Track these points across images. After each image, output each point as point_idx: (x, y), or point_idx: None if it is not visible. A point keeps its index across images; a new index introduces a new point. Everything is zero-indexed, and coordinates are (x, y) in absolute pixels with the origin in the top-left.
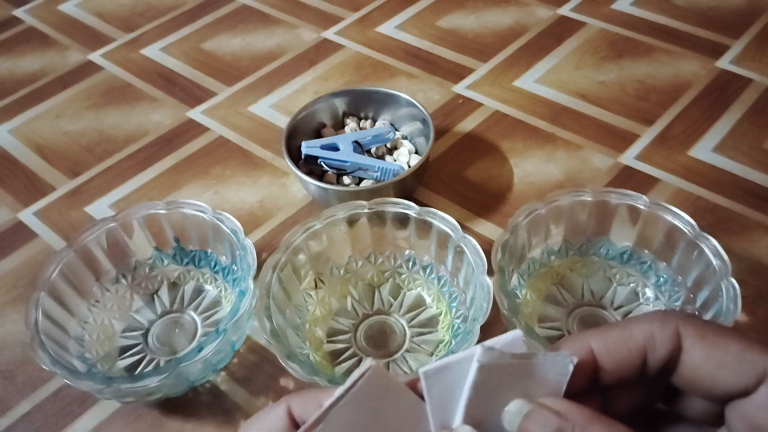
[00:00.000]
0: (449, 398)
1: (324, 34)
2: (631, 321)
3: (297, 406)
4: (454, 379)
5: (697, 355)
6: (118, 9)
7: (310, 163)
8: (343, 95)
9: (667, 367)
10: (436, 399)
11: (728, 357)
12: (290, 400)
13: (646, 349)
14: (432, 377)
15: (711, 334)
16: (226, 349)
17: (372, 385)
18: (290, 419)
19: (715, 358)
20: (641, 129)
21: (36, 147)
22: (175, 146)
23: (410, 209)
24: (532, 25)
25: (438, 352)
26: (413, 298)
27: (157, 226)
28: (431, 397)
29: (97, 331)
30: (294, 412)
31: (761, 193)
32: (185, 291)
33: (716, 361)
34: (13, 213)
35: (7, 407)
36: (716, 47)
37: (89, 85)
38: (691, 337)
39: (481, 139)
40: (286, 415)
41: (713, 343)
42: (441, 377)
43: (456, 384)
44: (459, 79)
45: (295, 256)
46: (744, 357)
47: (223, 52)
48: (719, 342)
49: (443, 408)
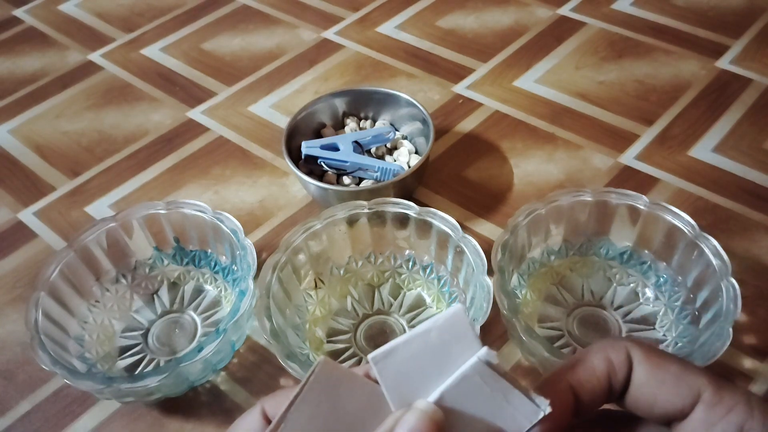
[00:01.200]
0: (404, 378)
1: (324, 34)
2: (587, 353)
3: (270, 406)
4: (404, 359)
5: (642, 373)
6: (118, 9)
7: (310, 163)
8: (343, 95)
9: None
10: (391, 381)
11: (668, 376)
12: (264, 401)
13: (609, 375)
14: (381, 362)
15: (654, 355)
16: (226, 349)
17: (324, 378)
18: (265, 420)
19: (657, 377)
20: (641, 129)
21: (36, 147)
22: (175, 146)
23: (410, 209)
24: (532, 25)
25: None
26: (413, 298)
27: (157, 226)
28: (385, 380)
29: (97, 331)
30: (268, 413)
31: (761, 193)
32: (185, 291)
33: (657, 380)
34: (13, 213)
35: (7, 407)
36: (716, 47)
37: (89, 85)
38: (638, 357)
39: (481, 139)
40: (261, 416)
41: (656, 363)
42: (391, 360)
43: (407, 364)
44: (459, 79)
45: (295, 256)
46: (681, 377)
47: (223, 52)
48: (661, 363)
49: (400, 388)
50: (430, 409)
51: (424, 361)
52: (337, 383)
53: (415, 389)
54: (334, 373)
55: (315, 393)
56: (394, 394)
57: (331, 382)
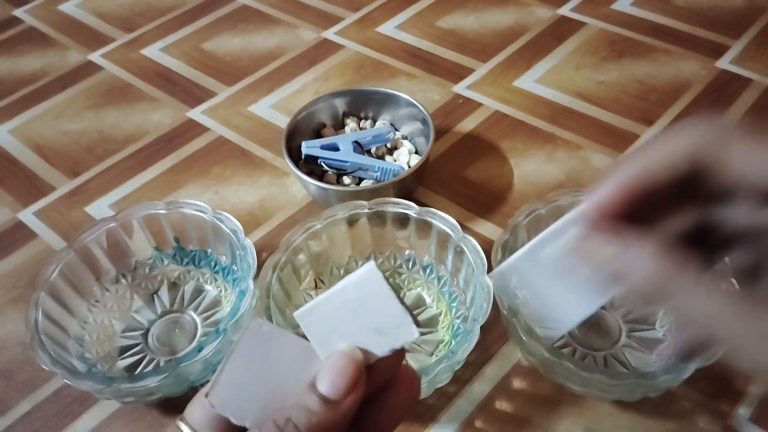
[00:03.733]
0: (327, 330)
1: (324, 34)
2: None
3: None
4: (326, 313)
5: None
6: (118, 9)
7: (310, 163)
8: (343, 95)
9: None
10: (316, 333)
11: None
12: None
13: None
14: (306, 317)
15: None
16: (226, 349)
17: (254, 336)
18: None
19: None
20: (641, 129)
21: (36, 147)
22: (175, 146)
23: (410, 209)
24: (532, 25)
25: (438, 352)
26: (413, 298)
27: (157, 226)
28: (311, 333)
29: (97, 331)
30: None
31: None
32: (185, 291)
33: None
34: (13, 213)
35: (7, 407)
36: (716, 47)
37: (89, 85)
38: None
39: (481, 139)
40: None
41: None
42: (315, 315)
43: (330, 317)
44: (459, 79)
45: (295, 256)
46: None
47: (223, 52)
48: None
49: (325, 339)
50: (349, 349)
51: (345, 313)
52: (268, 340)
53: (338, 338)
54: (264, 330)
55: (248, 348)
56: (320, 344)
57: (262, 339)
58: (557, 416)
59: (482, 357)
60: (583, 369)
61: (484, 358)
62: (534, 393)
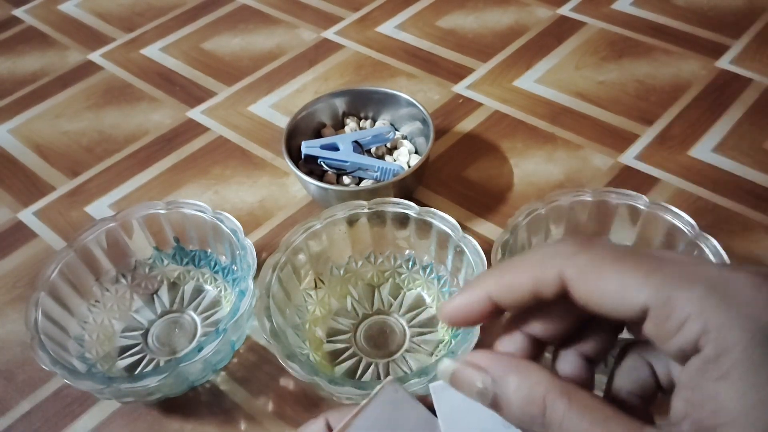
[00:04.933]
0: (459, 413)
1: (324, 34)
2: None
3: (334, 419)
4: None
5: (582, 291)
6: (118, 9)
7: (310, 163)
8: (343, 95)
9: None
10: (446, 413)
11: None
12: (328, 414)
13: (535, 291)
14: (440, 392)
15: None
16: (226, 349)
17: (387, 398)
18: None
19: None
20: (641, 129)
21: (36, 147)
22: (175, 146)
23: (410, 209)
24: (532, 25)
25: (438, 352)
26: (413, 298)
27: (157, 226)
28: (441, 412)
29: (97, 331)
30: (331, 424)
31: (761, 193)
32: (185, 291)
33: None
34: (13, 213)
35: (7, 407)
36: (716, 47)
37: (89, 85)
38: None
39: (481, 139)
40: (324, 427)
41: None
42: (450, 392)
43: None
44: (459, 79)
45: (295, 256)
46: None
47: (223, 52)
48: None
49: (454, 422)
50: None
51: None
52: (399, 404)
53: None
54: (398, 394)
55: (377, 409)
56: (448, 426)
57: (393, 402)
58: None
59: None
60: None
61: None
62: None
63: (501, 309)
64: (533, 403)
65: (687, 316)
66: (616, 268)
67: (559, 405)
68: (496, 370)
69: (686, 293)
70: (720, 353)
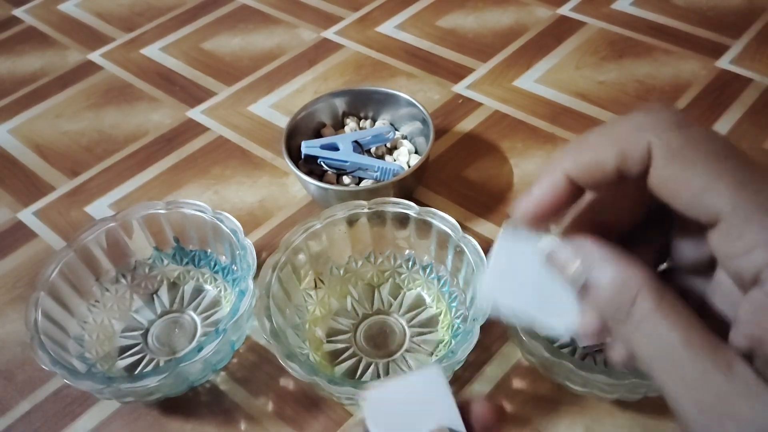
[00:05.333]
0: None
1: (324, 33)
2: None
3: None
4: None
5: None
6: (117, 9)
7: (310, 163)
8: (343, 95)
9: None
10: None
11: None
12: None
13: (619, 169)
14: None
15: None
16: (225, 349)
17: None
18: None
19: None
20: None
21: (36, 147)
22: (175, 146)
23: (410, 209)
24: (532, 25)
25: (438, 351)
26: (413, 298)
27: (157, 226)
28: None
29: (97, 331)
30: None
31: None
32: (185, 291)
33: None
34: (13, 213)
35: (7, 407)
36: (716, 47)
37: (89, 85)
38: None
39: (481, 139)
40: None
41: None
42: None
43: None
44: (459, 79)
45: (295, 256)
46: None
47: (223, 52)
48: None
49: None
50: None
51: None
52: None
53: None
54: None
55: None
56: (378, 429)
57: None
58: (557, 416)
59: (482, 357)
60: (583, 368)
61: (484, 358)
62: (534, 393)
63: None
64: (624, 295)
65: (756, 243)
66: (707, 163)
67: (647, 303)
68: (596, 256)
69: (766, 221)
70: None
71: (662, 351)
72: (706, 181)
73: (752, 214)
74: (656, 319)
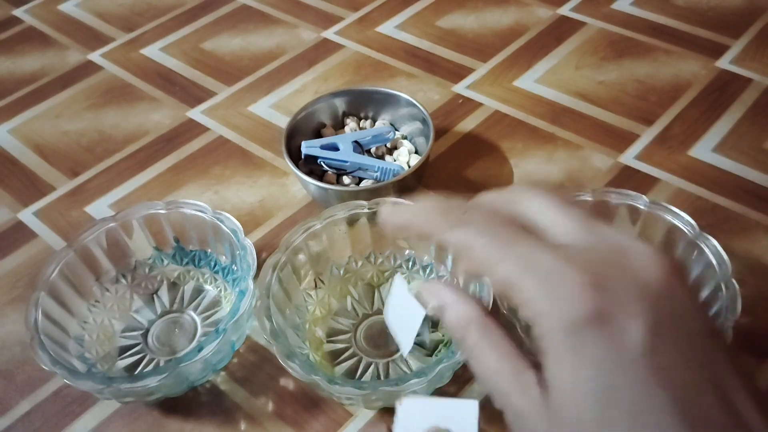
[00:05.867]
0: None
1: (324, 34)
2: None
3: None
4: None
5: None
6: (117, 9)
7: (310, 163)
8: (343, 95)
9: None
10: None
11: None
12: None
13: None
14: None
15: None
16: (226, 349)
17: None
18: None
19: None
20: (641, 129)
21: (36, 147)
22: (175, 146)
23: None
24: (532, 25)
25: (438, 352)
26: None
27: (157, 226)
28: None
29: (97, 331)
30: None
31: (761, 193)
32: (185, 291)
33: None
34: (13, 213)
35: (7, 407)
36: (716, 47)
37: (89, 85)
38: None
39: (481, 139)
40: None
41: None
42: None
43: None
44: (459, 79)
45: (295, 256)
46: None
47: (223, 52)
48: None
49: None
50: None
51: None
52: None
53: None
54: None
55: None
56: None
57: None
58: None
59: None
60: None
61: None
62: None
63: None
64: (459, 328)
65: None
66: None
67: (474, 335)
68: (442, 298)
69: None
70: (541, 335)
71: (485, 374)
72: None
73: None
74: (479, 348)
